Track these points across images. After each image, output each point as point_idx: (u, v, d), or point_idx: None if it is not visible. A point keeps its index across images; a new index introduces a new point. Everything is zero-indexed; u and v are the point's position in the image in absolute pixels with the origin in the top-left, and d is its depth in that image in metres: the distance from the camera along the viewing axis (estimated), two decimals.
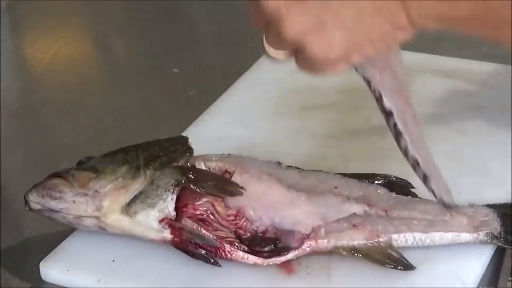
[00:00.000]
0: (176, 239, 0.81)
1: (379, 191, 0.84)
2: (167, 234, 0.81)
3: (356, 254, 0.80)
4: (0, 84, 1.26)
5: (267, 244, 0.81)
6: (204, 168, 0.85)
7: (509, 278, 0.84)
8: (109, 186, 0.83)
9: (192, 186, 0.83)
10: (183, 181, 0.83)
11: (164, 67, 1.29)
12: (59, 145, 1.12)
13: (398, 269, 0.79)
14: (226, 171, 0.85)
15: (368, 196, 0.83)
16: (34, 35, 1.45)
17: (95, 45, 1.48)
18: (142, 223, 0.82)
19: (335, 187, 0.84)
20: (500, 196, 0.87)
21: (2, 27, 1.50)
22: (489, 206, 0.83)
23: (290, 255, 0.80)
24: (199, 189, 0.83)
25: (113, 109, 1.20)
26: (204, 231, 0.81)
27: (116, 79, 1.31)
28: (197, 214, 0.82)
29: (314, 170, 0.87)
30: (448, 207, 0.79)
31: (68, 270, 0.83)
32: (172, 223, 0.81)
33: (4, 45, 1.39)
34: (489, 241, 0.81)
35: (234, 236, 0.82)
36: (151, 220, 0.82)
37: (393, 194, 0.84)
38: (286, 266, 0.81)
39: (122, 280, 0.81)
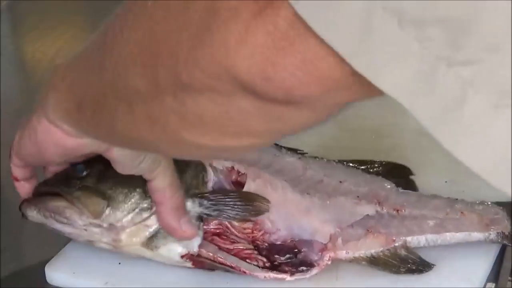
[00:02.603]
0: (196, 266, 0.80)
1: (385, 185, 0.84)
2: (188, 264, 0.80)
3: (375, 265, 0.79)
4: (0, 84, 1.26)
5: (286, 252, 0.79)
6: (210, 170, 0.82)
7: (509, 278, 0.84)
8: (125, 220, 0.77)
9: (215, 219, 0.79)
10: (206, 215, 0.79)
11: None
12: None
13: (419, 271, 0.79)
14: (232, 168, 0.83)
15: (377, 192, 0.83)
16: (34, 35, 1.45)
17: None
18: (164, 256, 0.79)
19: (340, 182, 0.83)
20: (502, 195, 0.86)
21: (2, 27, 1.50)
22: (498, 203, 0.83)
23: (315, 271, 0.79)
24: (224, 220, 0.79)
25: None
26: (223, 258, 0.79)
27: None
28: (212, 229, 0.80)
29: (315, 157, 0.86)
30: None
31: (74, 273, 0.82)
32: (194, 258, 0.79)
33: (4, 45, 1.39)
34: (499, 240, 0.81)
35: (252, 246, 0.80)
36: (173, 255, 0.79)
37: (400, 189, 0.84)
38: None
39: (130, 283, 0.81)
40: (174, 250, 0.79)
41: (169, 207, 0.76)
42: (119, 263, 0.82)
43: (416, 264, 0.79)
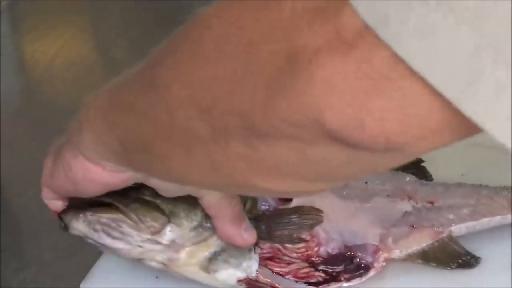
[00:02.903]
0: None
1: (408, 179, 0.84)
2: None
3: (428, 261, 0.79)
4: (0, 84, 1.26)
5: (342, 261, 0.77)
6: None
7: None
8: (187, 237, 0.71)
9: (266, 244, 0.76)
10: (260, 238, 0.74)
11: None
12: None
13: (469, 265, 0.79)
14: None
15: (403, 188, 0.83)
16: (34, 34, 1.45)
17: (95, 45, 1.48)
18: (219, 280, 0.74)
19: (366, 183, 0.83)
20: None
21: (2, 27, 1.50)
22: None
23: (372, 273, 0.78)
24: (278, 244, 0.76)
25: None
26: (279, 284, 0.75)
27: None
28: (263, 253, 0.76)
29: None
30: None
31: None
32: (251, 282, 0.74)
33: (4, 45, 1.39)
34: None
35: (307, 264, 0.77)
36: (230, 279, 0.74)
37: (424, 181, 0.85)
38: None
39: None
40: (233, 274, 0.73)
41: (227, 219, 0.71)
42: (156, 277, 0.79)
43: (465, 258, 0.79)
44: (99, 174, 0.63)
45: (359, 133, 0.42)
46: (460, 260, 0.79)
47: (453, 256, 0.79)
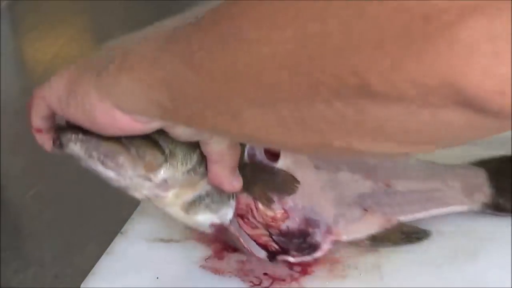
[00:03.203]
0: (216, 235, 0.77)
1: None
2: (209, 230, 0.76)
3: (375, 243, 0.79)
4: (0, 84, 1.26)
5: (298, 238, 0.78)
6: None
7: None
8: (178, 179, 0.72)
9: (244, 199, 0.76)
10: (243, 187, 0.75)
11: None
12: None
13: (417, 240, 0.79)
14: None
15: (364, 161, 0.83)
16: (34, 35, 1.45)
17: (95, 45, 1.48)
18: (195, 221, 0.75)
19: None
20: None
21: (2, 27, 1.50)
22: (479, 163, 0.83)
23: (319, 253, 0.78)
24: (253, 198, 0.76)
25: None
26: (244, 241, 0.76)
27: None
28: (238, 208, 0.77)
29: None
30: None
31: None
32: (221, 229, 0.75)
33: (4, 45, 1.39)
34: (482, 210, 0.81)
35: (267, 232, 0.78)
36: (206, 222, 0.75)
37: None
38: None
39: None
40: (209, 219, 0.75)
41: (227, 166, 0.71)
42: (157, 278, 0.79)
43: (414, 234, 0.79)
44: (125, 123, 0.60)
45: (500, 100, 0.39)
46: (407, 236, 0.79)
47: (401, 233, 0.79)
